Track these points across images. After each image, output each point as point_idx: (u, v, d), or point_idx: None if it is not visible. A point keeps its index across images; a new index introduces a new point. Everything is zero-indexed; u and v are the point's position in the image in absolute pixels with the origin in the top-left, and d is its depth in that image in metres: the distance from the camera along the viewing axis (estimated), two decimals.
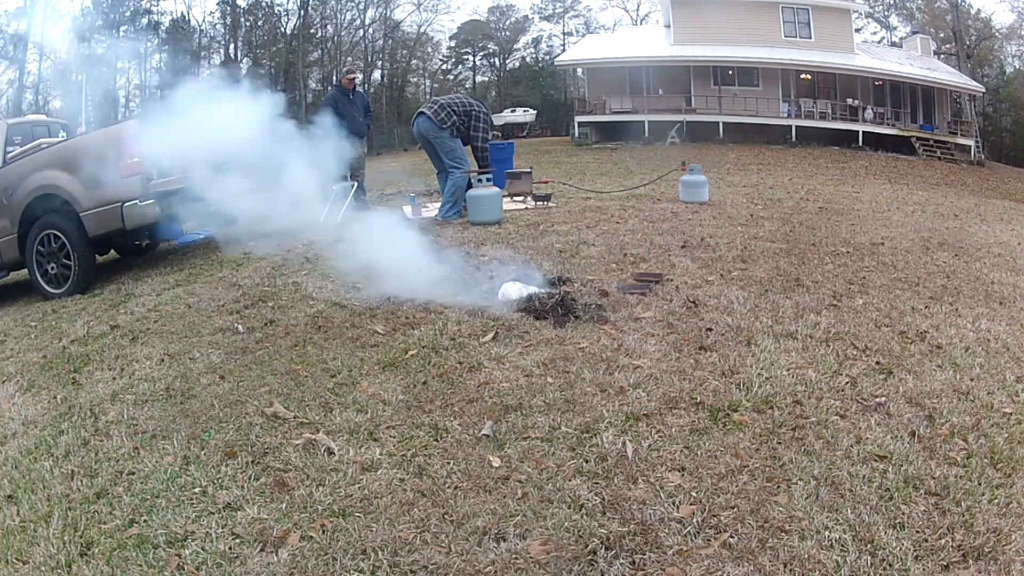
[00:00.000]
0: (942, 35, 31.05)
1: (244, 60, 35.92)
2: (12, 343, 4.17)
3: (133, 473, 2.35)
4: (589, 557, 1.81)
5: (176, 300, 4.43)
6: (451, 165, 6.73)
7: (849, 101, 22.48)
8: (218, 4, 35.61)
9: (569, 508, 2.00)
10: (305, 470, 2.27)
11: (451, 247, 5.18)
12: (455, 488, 2.13)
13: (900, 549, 1.81)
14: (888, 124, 22.33)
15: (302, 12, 35.45)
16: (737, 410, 2.54)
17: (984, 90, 25.41)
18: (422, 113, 6.76)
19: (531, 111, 34.25)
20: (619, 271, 4.46)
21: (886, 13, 35.64)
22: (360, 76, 8.86)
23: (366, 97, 8.97)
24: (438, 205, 8.13)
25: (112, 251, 6.73)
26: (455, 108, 6.69)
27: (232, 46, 35.70)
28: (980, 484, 2.10)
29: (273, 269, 4.96)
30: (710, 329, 3.35)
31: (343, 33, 36.88)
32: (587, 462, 2.23)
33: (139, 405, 2.89)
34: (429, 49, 41.55)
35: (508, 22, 42.29)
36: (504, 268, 4.41)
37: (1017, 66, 33.28)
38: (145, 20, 33.38)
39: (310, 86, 36.11)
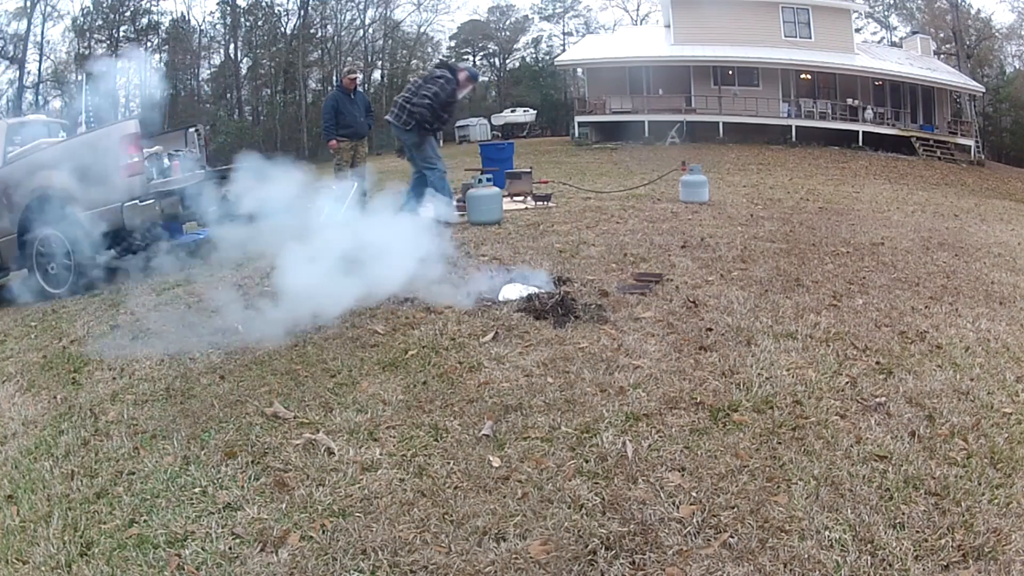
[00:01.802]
0: (942, 35, 31.06)
1: (244, 60, 35.94)
2: (12, 343, 4.16)
3: (133, 473, 2.35)
4: (589, 557, 1.81)
5: (176, 300, 4.43)
6: (425, 167, 6.23)
7: (849, 101, 22.48)
8: (218, 4, 35.65)
9: (569, 508, 2.00)
10: (305, 470, 2.27)
11: (450, 247, 5.18)
12: (455, 488, 2.13)
13: (900, 549, 1.81)
14: (888, 124, 22.33)
15: (302, 12, 35.51)
16: (737, 410, 2.54)
17: (984, 90, 25.42)
18: (388, 120, 6.32)
19: (531, 111, 34.25)
20: (619, 271, 4.46)
21: (886, 13, 35.68)
22: (360, 76, 8.76)
23: (367, 97, 8.90)
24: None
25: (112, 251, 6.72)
26: (409, 98, 6.09)
27: (232, 46, 35.71)
28: (980, 484, 2.10)
29: (273, 269, 4.95)
30: (710, 329, 3.35)
31: (343, 33, 36.94)
32: (587, 462, 2.23)
33: (139, 405, 2.89)
34: (429, 49, 41.58)
35: (508, 22, 42.35)
36: (504, 268, 4.41)
37: (1017, 66, 33.30)
38: (145, 20, 33.41)
39: (310, 86, 36.15)
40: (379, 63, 38.49)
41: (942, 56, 28.72)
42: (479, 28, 41.54)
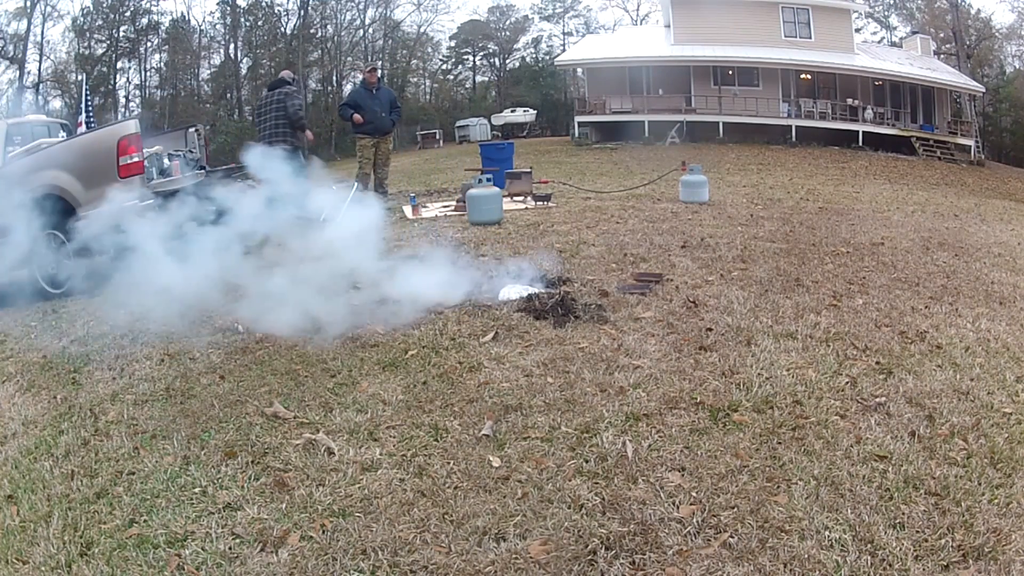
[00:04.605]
0: (942, 35, 31.03)
1: (244, 60, 35.93)
2: (12, 343, 4.16)
3: (133, 473, 2.35)
4: (589, 557, 1.81)
5: (176, 300, 4.43)
6: None
7: (849, 101, 22.46)
8: (218, 4, 35.63)
9: (569, 508, 2.00)
10: (305, 470, 2.27)
11: (451, 247, 5.18)
12: (455, 488, 2.13)
13: (900, 549, 1.81)
14: (888, 124, 22.32)
15: (302, 12, 35.46)
16: (737, 410, 2.54)
17: (984, 90, 25.39)
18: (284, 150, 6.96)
19: (531, 111, 34.24)
20: (619, 271, 4.47)
21: (886, 13, 35.66)
22: (380, 71, 8.47)
23: (392, 92, 8.56)
24: (439, 205, 8.15)
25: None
26: (282, 118, 7.10)
27: (232, 46, 35.70)
28: (980, 484, 2.10)
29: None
30: (710, 329, 3.35)
31: (343, 33, 36.92)
32: (587, 462, 2.23)
33: (139, 405, 2.89)
34: (429, 49, 41.59)
35: (508, 22, 42.33)
36: (504, 268, 4.41)
37: (1017, 66, 33.27)
38: (145, 20, 33.39)
39: (310, 86, 36.11)
40: (379, 63, 38.46)
41: (942, 56, 28.69)
42: (479, 28, 41.51)
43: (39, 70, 31.15)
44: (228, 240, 4.37)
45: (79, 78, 28.40)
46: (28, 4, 30.06)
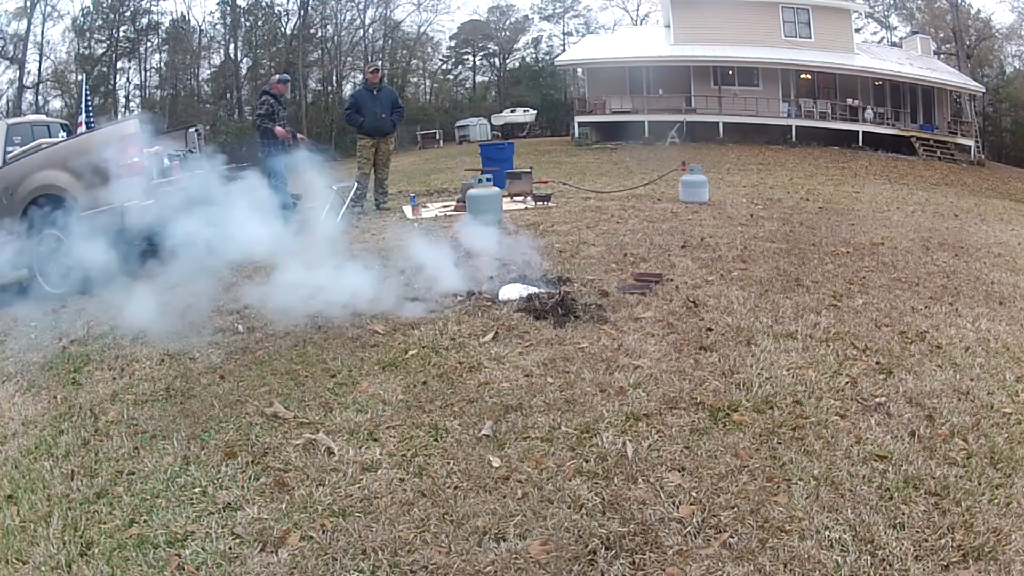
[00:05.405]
0: (942, 35, 31.03)
1: (244, 60, 35.93)
2: (12, 343, 4.16)
3: (133, 473, 2.35)
4: (589, 557, 1.81)
5: (176, 300, 4.43)
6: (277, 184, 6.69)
7: (849, 101, 22.46)
8: (218, 4, 35.62)
9: (569, 508, 2.00)
10: (305, 470, 2.27)
11: (452, 247, 5.18)
12: (455, 488, 2.13)
13: (900, 549, 1.81)
14: (888, 124, 22.32)
15: (302, 12, 35.47)
16: (737, 410, 2.54)
17: (984, 90, 25.38)
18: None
19: (531, 111, 34.23)
20: (619, 271, 4.46)
21: (886, 13, 35.66)
22: (382, 72, 8.23)
23: (394, 92, 8.43)
24: (439, 205, 8.14)
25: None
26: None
27: (232, 46, 35.69)
28: (980, 484, 2.10)
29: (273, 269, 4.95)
30: (710, 329, 3.35)
31: (343, 33, 36.91)
32: (587, 462, 2.23)
33: (139, 405, 2.89)
34: (429, 49, 41.58)
35: (508, 22, 42.33)
36: (504, 268, 4.41)
37: (1017, 66, 33.27)
38: (145, 20, 33.38)
39: (310, 86, 36.12)
40: (379, 63, 38.47)
41: (942, 56, 28.68)
42: (479, 28, 41.51)
43: (39, 70, 31.16)
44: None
45: (79, 78, 28.39)
46: (28, 4, 30.05)
